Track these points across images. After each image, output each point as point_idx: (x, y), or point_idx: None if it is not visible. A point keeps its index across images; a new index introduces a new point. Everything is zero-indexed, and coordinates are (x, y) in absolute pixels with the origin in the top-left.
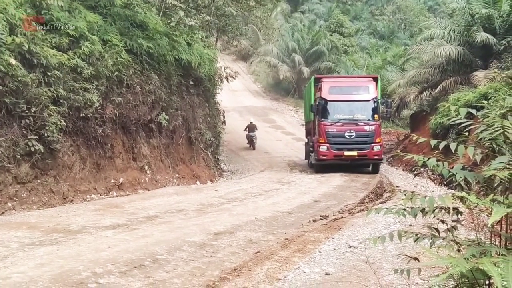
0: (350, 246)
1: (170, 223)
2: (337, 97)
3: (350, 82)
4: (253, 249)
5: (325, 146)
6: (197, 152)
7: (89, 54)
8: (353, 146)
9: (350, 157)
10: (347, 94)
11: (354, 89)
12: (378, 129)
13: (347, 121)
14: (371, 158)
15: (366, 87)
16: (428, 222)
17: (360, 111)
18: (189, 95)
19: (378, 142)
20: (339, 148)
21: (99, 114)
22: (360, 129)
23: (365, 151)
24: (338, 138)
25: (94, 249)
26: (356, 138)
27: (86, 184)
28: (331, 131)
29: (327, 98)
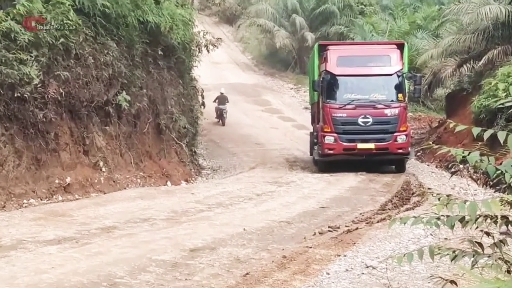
0: (367, 266)
1: (133, 236)
2: (348, 71)
3: (365, 50)
4: (240, 271)
5: (332, 136)
6: (167, 144)
7: (26, 14)
8: (370, 137)
9: (365, 150)
10: (362, 66)
11: (371, 59)
12: (403, 113)
13: (362, 102)
14: (394, 152)
15: (387, 56)
16: (469, 235)
17: (379, 89)
18: (158, 68)
19: (404, 131)
20: (350, 139)
21: (39, 93)
22: (379, 114)
23: (386, 142)
24: (349, 125)
25: (33, 270)
26: (373, 125)
27: (22, 186)
28: (339, 116)
29: (334, 71)
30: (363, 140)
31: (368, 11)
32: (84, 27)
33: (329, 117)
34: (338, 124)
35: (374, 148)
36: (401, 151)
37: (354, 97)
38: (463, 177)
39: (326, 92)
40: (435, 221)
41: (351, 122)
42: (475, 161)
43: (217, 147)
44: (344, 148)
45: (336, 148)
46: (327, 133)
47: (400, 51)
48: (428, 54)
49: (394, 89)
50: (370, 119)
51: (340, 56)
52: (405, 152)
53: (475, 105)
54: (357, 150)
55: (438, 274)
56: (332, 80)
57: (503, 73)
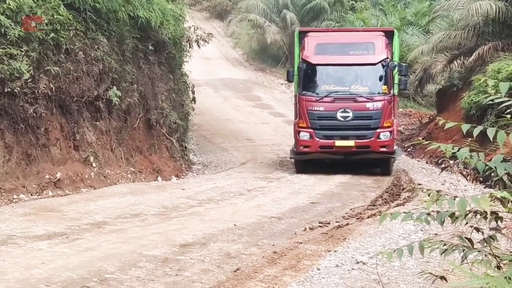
0: (357, 262)
1: (123, 231)
2: (326, 59)
3: (347, 37)
4: (231, 266)
5: (307, 132)
6: (158, 139)
7: (17, 9)
8: (349, 133)
9: (344, 148)
10: (342, 54)
11: (353, 47)
12: (387, 107)
13: (341, 94)
14: (377, 150)
15: (371, 44)
16: (458, 231)
17: (360, 80)
18: (148, 64)
19: (388, 127)
20: (327, 136)
21: (29, 88)
22: (360, 107)
23: (367, 140)
24: (326, 120)
25: (23, 265)
26: (353, 120)
27: (12, 181)
28: (316, 110)
29: (310, 60)
30: (342, 137)
31: (358, 6)
32: (74, 22)
33: (305, 111)
34: (314, 119)
35: (354, 146)
36: (385, 150)
37: (332, 89)
38: (453, 173)
39: (302, 83)
40: (425, 217)
41: (329, 116)
42: (465, 157)
43: (208, 142)
44: (321, 146)
45: (312, 145)
46: (302, 128)
47: (387, 39)
48: (418, 50)
49: (378, 80)
50: (350, 114)
51: (319, 43)
52: (389, 150)
53: (465, 101)
54: (335, 147)
55: (428, 270)
56: (309, 70)
57: (493, 69)
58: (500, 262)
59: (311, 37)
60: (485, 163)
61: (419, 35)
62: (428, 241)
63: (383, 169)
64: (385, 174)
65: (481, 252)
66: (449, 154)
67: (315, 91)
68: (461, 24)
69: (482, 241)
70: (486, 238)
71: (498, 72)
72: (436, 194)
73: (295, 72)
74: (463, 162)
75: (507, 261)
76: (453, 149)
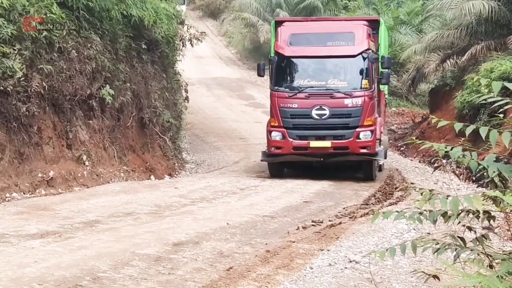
0: (350, 261)
1: (116, 230)
2: (300, 51)
3: (324, 27)
4: (224, 265)
5: (279, 132)
6: (151, 138)
7: (9, 7)
8: (326, 133)
9: (319, 150)
10: (318, 45)
11: (331, 37)
12: (368, 104)
13: (316, 90)
14: (356, 152)
15: (351, 34)
16: (451, 230)
17: (338, 74)
18: (141, 62)
19: (369, 126)
20: (301, 136)
21: (22, 87)
22: (338, 104)
23: (346, 140)
24: (300, 118)
25: (16, 264)
26: (330, 118)
27: (5, 179)
28: (289, 107)
29: (283, 52)
30: (318, 137)
31: (352, 5)
32: (67, 20)
33: (276, 109)
34: (287, 117)
35: (331, 147)
36: (366, 151)
37: (307, 84)
38: (446, 172)
39: (273, 77)
40: (418, 216)
41: (303, 114)
42: (457, 156)
43: (201, 141)
44: (294, 147)
45: (284, 146)
46: (274, 128)
47: (369, 28)
48: (411, 49)
49: (358, 74)
50: (327, 111)
51: (293, 33)
52: (370, 152)
53: (458, 101)
54: (310, 149)
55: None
56: (281, 63)
57: (486, 68)
58: (492, 261)
59: (285, 27)
60: (478, 163)
61: (412, 34)
62: (421, 240)
63: (365, 174)
64: (368, 180)
65: (473, 251)
66: (442, 153)
67: (288, 86)
68: (454, 24)
69: (474, 240)
70: (478, 237)
71: (491, 71)
72: (428, 193)
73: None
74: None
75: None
76: (446, 148)
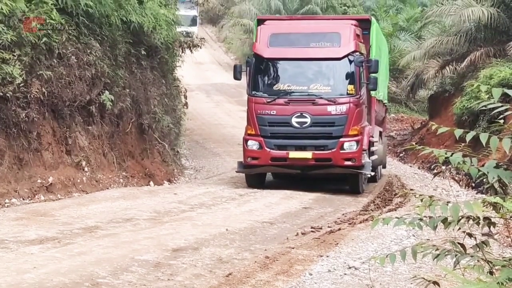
0: (350, 267)
1: (115, 236)
2: (281, 52)
3: (308, 27)
4: (223, 271)
5: (256, 141)
6: (150, 144)
7: (9, 13)
8: (306, 142)
9: (299, 161)
10: (300, 46)
11: (315, 37)
12: (354, 112)
13: (297, 96)
14: (340, 164)
15: (336, 34)
16: (451, 236)
17: (322, 78)
18: (141, 68)
19: (355, 135)
20: (280, 146)
21: (22, 93)
22: (320, 111)
23: (328, 151)
24: (279, 126)
25: (15, 270)
26: (312, 127)
27: (4, 185)
28: (267, 114)
29: (262, 53)
30: (298, 147)
31: (351, 12)
32: (67, 26)
33: (254, 115)
34: (265, 125)
35: (312, 158)
36: (350, 163)
37: (287, 89)
38: (445, 178)
39: (251, 81)
40: (418, 222)
41: (282, 122)
42: (457, 162)
43: (200, 147)
44: (272, 157)
45: (261, 157)
46: (251, 136)
47: (362, 29)
48: (410, 56)
49: (343, 79)
50: (308, 119)
51: (274, 33)
52: (355, 164)
53: (457, 107)
54: (289, 160)
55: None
56: (260, 65)
57: (485, 75)
58: (492, 267)
59: (266, 26)
60: (478, 169)
61: (411, 40)
62: (421, 246)
63: (351, 187)
64: (354, 193)
65: (473, 258)
66: (441, 159)
67: (266, 91)
68: (453, 30)
69: (474, 246)
70: (478, 244)
71: (490, 78)
72: (428, 199)
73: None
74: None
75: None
76: (446, 154)
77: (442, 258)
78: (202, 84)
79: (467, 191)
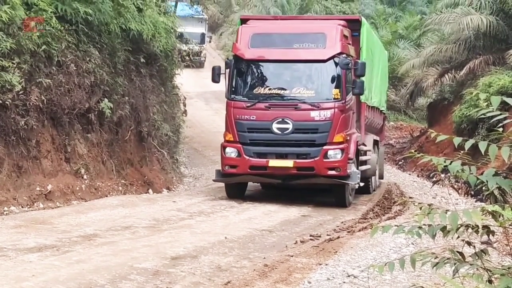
0: (349, 275)
1: (114, 244)
2: (262, 53)
3: (292, 27)
4: (222, 279)
5: (234, 148)
6: (149, 152)
7: (8, 21)
8: (288, 150)
9: (280, 170)
10: (283, 47)
11: (299, 38)
12: (339, 117)
13: (279, 100)
14: (324, 174)
15: (322, 35)
16: (450, 245)
17: (304, 82)
18: (140, 76)
19: (340, 143)
20: (260, 153)
21: (21, 100)
22: (303, 117)
23: (311, 159)
24: (259, 133)
25: (14, 278)
26: (294, 133)
27: (3, 193)
28: (246, 119)
29: (242, 55)
30: (278, 155)
31: None
32: (66, 34)
33: (232, 121)
34: (244, 131)
35: (293, 167)
36: (334, 173)
37: (268, 93)
38: (444, 186)
39: (230, 84)
40: (417, 230)
41: (262, 128)
42: (456, 170)
43: (199, 155)
44: (251, 166)
45: (240, 165)
46: (229, 143)
47: (350, 30)
48: (410, 64)
49: (328, 82)
50: (290, 125)
51: (256, 33)
52: (340, 174)
53: (456, 115)
54: (269, 168)
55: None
56: (240, 67)
57: (484, 83)
58: (491, 276)
59: (247, 25)
60: (476, 177)
61: (410, 48)
62: (420, 254)
63: (337, 199)
64: (341, 206)
65: (472, 266)
66: (440, 167)
67: (246, 95)
68: (452, 38)
69: (473, 255)
70: (477, 252)
71: (489, 86)
72: (427, 207)
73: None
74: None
75: (499, 275)
76: (445, 162)
77: (441, 266)
78: (201, 92)
79: (466, 199)
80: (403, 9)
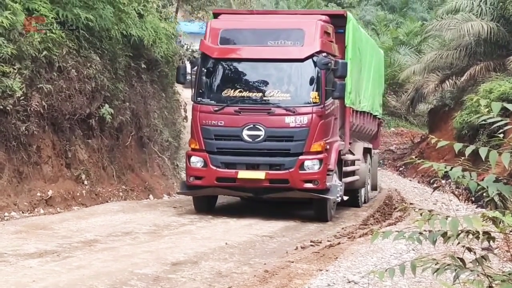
0: (349, 281)
1: (114, 249)
2: (231, 52)
3: (268, 22)
4: (222, 285)
5: (200, 157)
6: (150, 157)
7: (9, 27)
8: (260, 160)
9: (250, 182)
10: (256, 45)
11: (274, 35)
12: (317, 123)
13: (250, 104)
14: (299, 187)
15: (300, 31)
16: (451, 251)
17: (279, 84)
18: (141, 82)
19: (318, 153)
20: (228, 163)
21: (22, 106)
22: (277, 123)
23: (285, 170)
24: (227, 140)
25: (14, 283)
26: (266, 141)
27: (3, 198)
28: (213, 125)
29: (210, 53)
30: (249, 166)
31: None
32: (67, 40)
33: (198, 126)
34: (211, 138)
35: (265, 179)
36: (311, 186)
37: (238, 95)
38: (445, 192)
39: (196, 85)
40: (417, 236)
41: (231, 135)
42: (457, 176)
43: None
44: (218, 177)
45: (206, 176)
46: (195, 151)
47: (333, 26)
48: (410, 70)
49: (306, 84)
50: (262, 132)
51: (226, 29)
52: (318, 188)
53: (457, 121)
54: (238, 181)
55: None
56: (207, 67)
57: (485, 89)
58: (492, 282)
59: (218, 20)
60: (477, 183)
61: (411, 54)
62: (420, 260)
63: (317, 213)
64: (321, 221)
65: (473, 272)
66: (441, 173)
67: (213, 97)
68: (453, 44)
69: (474, 261)
70: (478, 258)
71: (490, 92)
72: (428, 213)
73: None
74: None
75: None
76: (446, 168)
77: (442, 272)
78: None
79: (467, 205)
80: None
